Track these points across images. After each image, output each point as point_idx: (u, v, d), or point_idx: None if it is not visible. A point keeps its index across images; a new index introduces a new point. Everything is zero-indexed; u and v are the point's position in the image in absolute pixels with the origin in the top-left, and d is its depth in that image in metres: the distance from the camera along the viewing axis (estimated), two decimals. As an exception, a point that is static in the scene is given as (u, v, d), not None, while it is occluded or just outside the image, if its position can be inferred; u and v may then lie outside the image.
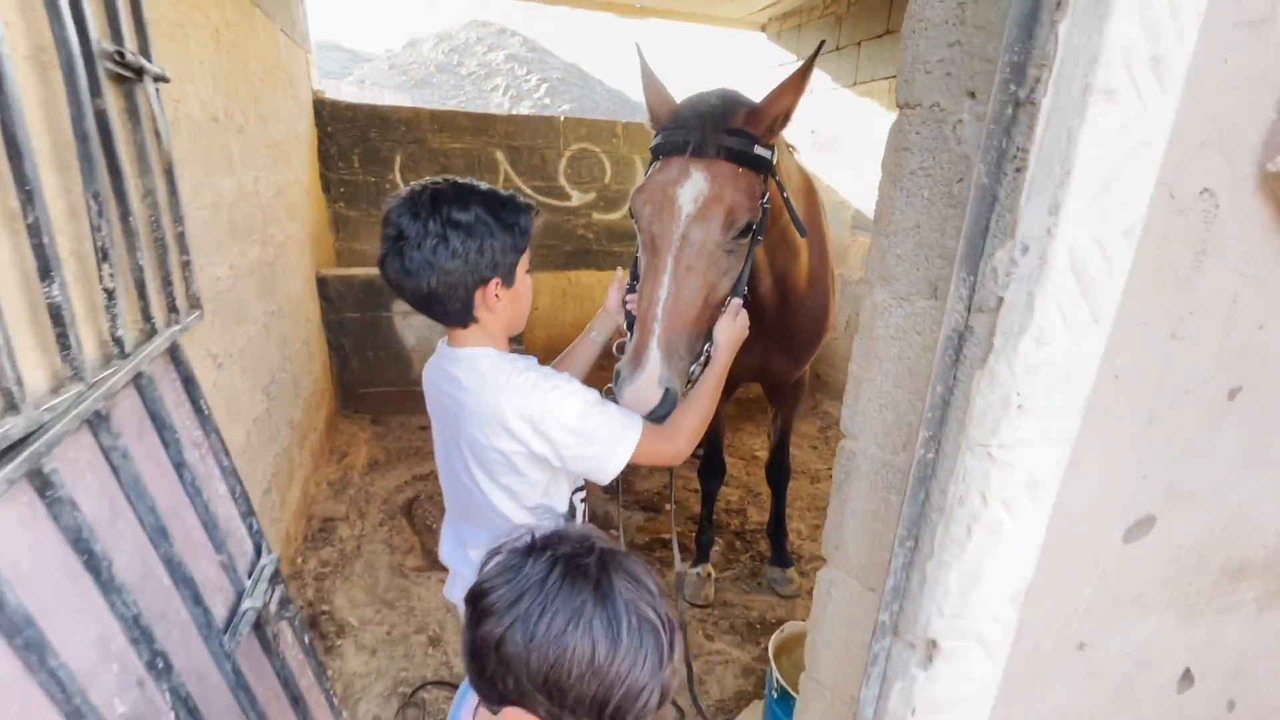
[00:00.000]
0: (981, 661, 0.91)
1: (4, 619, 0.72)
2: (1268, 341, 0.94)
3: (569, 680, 0.62)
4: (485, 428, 1.09)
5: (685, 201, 1.37)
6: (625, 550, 0.71)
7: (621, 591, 0.65)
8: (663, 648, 0.66)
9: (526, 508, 1.16)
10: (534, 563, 0.66)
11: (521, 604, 0.63)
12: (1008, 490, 0.80)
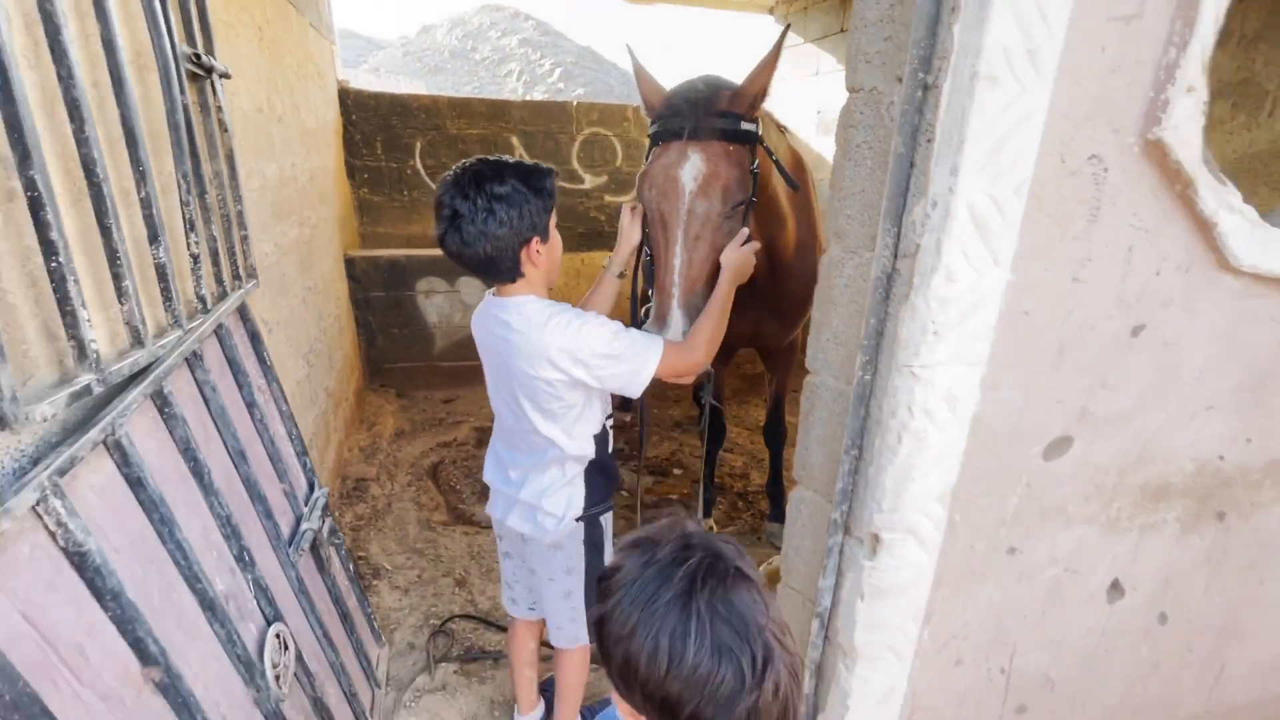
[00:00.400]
0: (916, 552, 1.10)
1: (145, 497, 0.94)
2: (1165, 286, 1.11)
3: (635, 675, 0.62)
4: (532, 361, 1.29)
5: (687, 180, 1.56)
6: (748, 574, 0.66)
7: (705, 610, 0.61)
8: (743, 677, 0.60)
9: (565, 429, 1.36)
10: (651, 556, 0.65)
11: (622, 591, 0.65)
12: (929, 403, 0.98)
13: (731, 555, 0.66)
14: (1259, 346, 1.24)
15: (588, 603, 1.55)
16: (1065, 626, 1.40)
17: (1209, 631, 1.61)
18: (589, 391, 1.36)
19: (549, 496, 1.42)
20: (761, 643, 0.61)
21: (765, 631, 0.61)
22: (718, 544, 0.66)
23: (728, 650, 0.60)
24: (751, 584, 0.64)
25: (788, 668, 0.62)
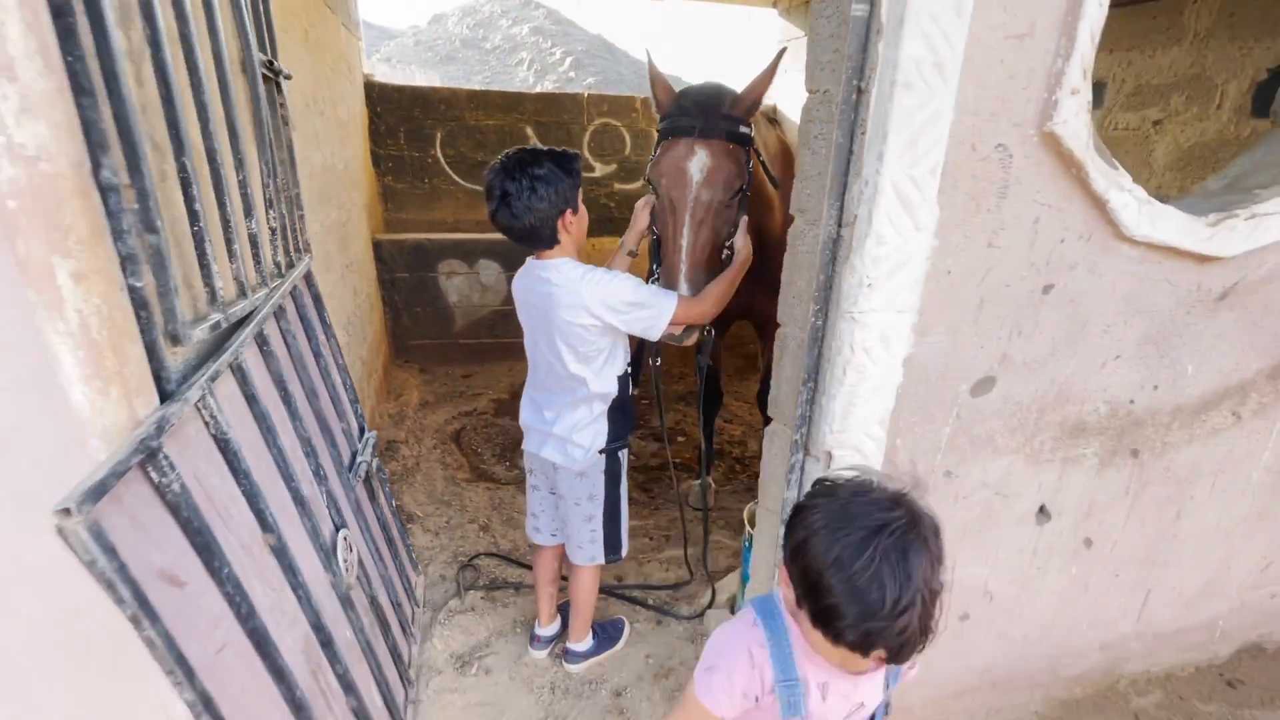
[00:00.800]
0: (861, 465, 1.35)
1: (257, 410, 1.22)
2: (1070, 252, 1.35)
3: (806, 555, 0.79)
4: (572, 310, 1.56)
5: (695, 172, 1.82)
6: (930, 545, 0.79)
7: (882, 550, 0.75)
8: (882, 605, 0.74)
9: (595, 370, 1.65)
10: (868, 494, 0.82)
11: (832, 500, 0.82)
12: (867, 342, 1.24)
13: (926, 525, 0.79)
14: (1158, 305, 1.48)
15: (604, 527, 1.83)
16: (999, 544, 1.66)
17: (1132, 559, 1.86)
18: (615, 337, 1.65)
19: (578, 431, 1.69)
20: (911, 593, 0.74)
21: (920, 590, 0.75)
22: (921, 511, 0.80)
23: (882, 584, 0.73)
24: (929, 552, 0.78)
25: (920, 622, 0.76)
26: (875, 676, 0.96)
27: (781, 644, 0.92)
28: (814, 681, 0.94)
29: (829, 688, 0.95)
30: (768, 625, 0.94)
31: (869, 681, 0.96)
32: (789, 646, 0.93)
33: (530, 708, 1.90)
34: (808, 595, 0.81)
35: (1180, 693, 2.10)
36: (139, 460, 0.83)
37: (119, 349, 0.87)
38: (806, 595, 0.81)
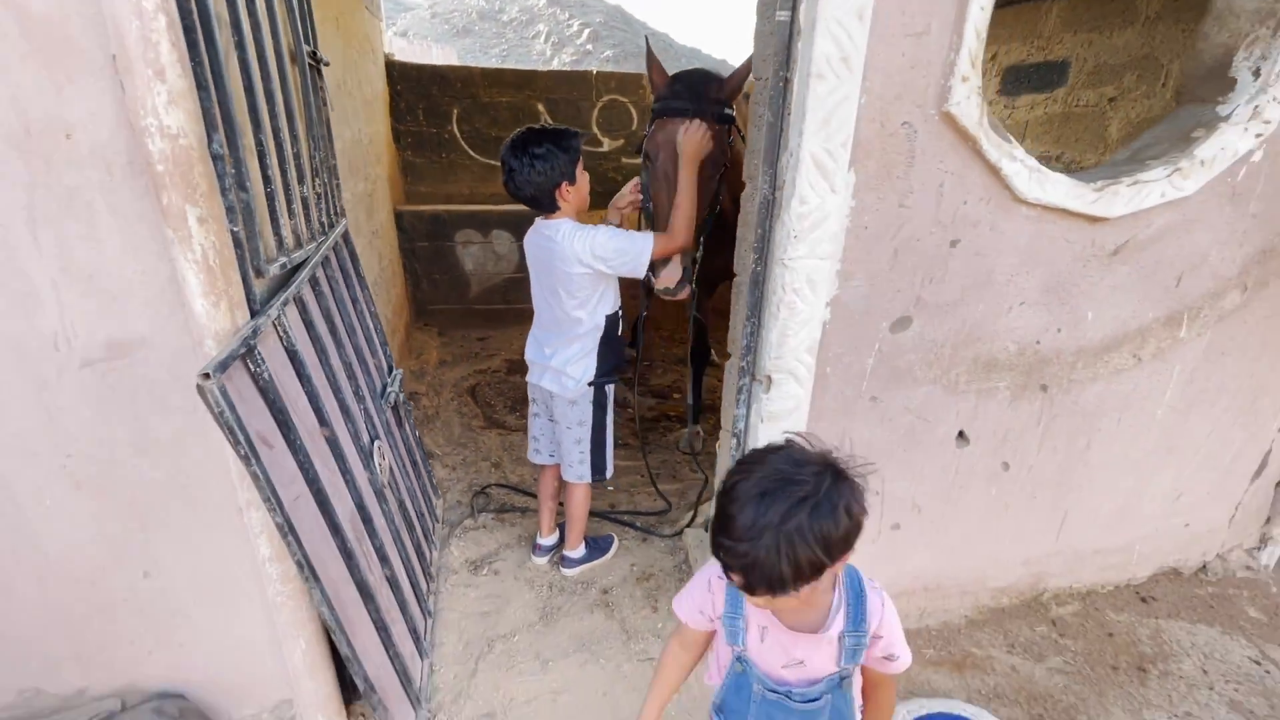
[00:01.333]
0: (795, 388, 1.67)
1: (313, 334, 1.56)
2: (973, 212, 1.63)
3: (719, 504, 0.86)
4: (566, 262, 1.90)
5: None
6: (830, 500, 0.82)
7: (770, 485, 0.81)
8: (735, 525, 0.81)
9: (590, 311, 1.97)
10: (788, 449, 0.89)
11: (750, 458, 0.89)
12: (796, 284, 1.54)
13: (828, 492, 0.81)
14: (1056, 258, 1.76)
15: (592, 450, 2.16)
16: (924, 463, 1.96)
17: (1048, 484, 2.15)
18: (605, 282, 1.97)
19: (572, 364, 2.03)
20: (765, 527, 0.79)
21: (777, 532, 0.79)
22: (829, 482, 0.82)
23: (742, 509, 0.81)
24: (814, 512, 0.80)
25: (768, 559, 0.80)
26: (819, 641, 0.98)
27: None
28: (755, 622, 1.01)
29: (767, 632, 1.01)
30: None
31: (809, 642, 0.99)
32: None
33: (531, 600, 2.27)
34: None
35: (1096, 605, 2.40)
36: (242, 353, 1.17)
37: (227, 275, 1.20)
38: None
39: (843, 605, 0.98)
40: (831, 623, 0.97)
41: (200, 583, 1.51)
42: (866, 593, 1.00)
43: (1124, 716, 1.97)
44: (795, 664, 1.01)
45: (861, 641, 0.99)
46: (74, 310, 1.20)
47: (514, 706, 1.90)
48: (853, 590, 1.00)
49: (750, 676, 1.04)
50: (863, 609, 0.99)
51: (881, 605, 1.00)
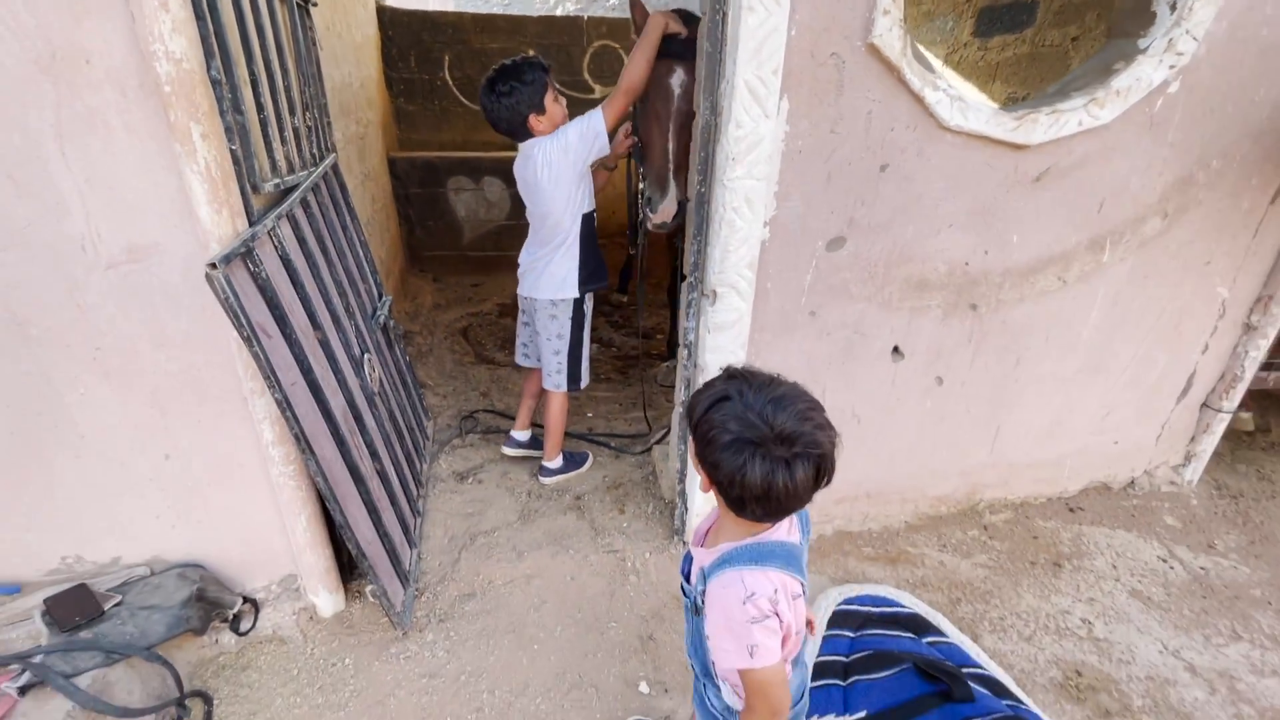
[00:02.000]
0: (738, 301, 1.86)
1: (305, 250, 1.75)
2: (900, 138, 1.79)
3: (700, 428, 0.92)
4: (543, 170, 2.10)
5: (675, 87, 2.24)
6: (780, 388, 0.92)
7: (747, 397, 0.89)
8: (745, 449, 0.86)
9: (572, 214, 2.17)
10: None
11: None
12: (735, 202, 1.71)
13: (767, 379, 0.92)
14: (981, 184, 1.92)
15: (568, 362, 2.38)
16: (862, 375, 2.16)
17: (980, 398, 2.35)
18: (581, 180, 2.15)
19: (552, 266, 2.26)
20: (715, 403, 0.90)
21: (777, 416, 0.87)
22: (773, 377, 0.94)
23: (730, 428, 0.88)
24: (777, 387, 0.91)
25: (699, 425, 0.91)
26: (700, 556, 1.07)
27: None
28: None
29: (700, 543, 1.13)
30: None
31: (695, 548, 1.11)
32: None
33: (511, 504, 2.52)
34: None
35: (1027, 514, 2.64)
36: (242, 252, 1.36)
37: (228, 186, 1.39)
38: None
39: (717, 556, 1.00)
40: (705, 553, 1.03)
41: (213, 465, 1.74)
42: (728, 569, 0.97)
43: (1032, 600, 2.23)
44: (693, 561, 1.10)
45: (697, 589, 1.04)
46: (98, 217, 1.39)
47: (492, 588, 2.16)
48: (728, 558, 0.99)
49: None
50: (716, 570, 0.99)
51: (723, 588, 0.97)
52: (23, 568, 1.75)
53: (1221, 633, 2.15)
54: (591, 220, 2.26)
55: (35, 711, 1.44)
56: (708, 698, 1.15)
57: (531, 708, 1.77)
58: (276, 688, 1.79)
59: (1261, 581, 2.37)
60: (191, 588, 1.76)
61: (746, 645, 0.93)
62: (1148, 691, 1.93)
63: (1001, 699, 1.69)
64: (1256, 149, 2.06)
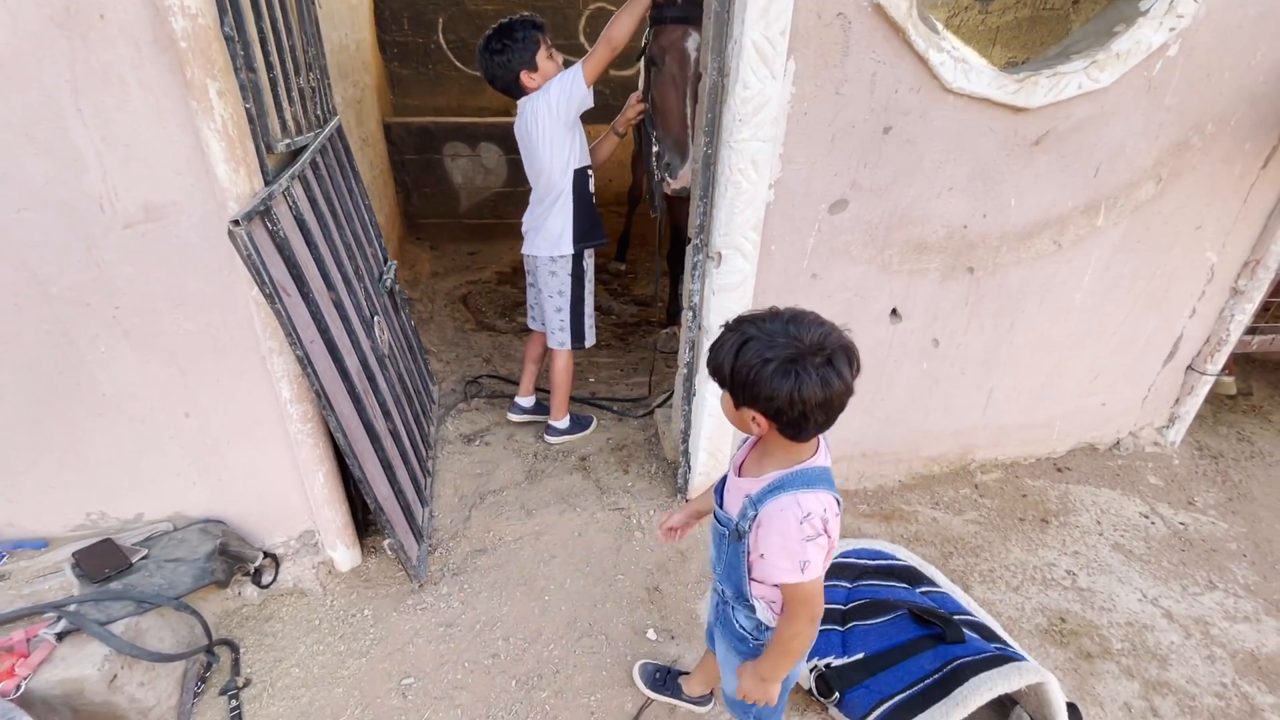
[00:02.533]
0: (742, 263, 1.89)
1: (318, 210, 1.76)
2: (903, 100, 1.81)
3: (738, 371, 0.95)
4: (535, 118, 2.15)
5: (690, 50, 2.25)
6: (815, 374, 0.92)
7: (766, 328, 0.95)
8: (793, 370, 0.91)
9: (562, 168, 2.20)
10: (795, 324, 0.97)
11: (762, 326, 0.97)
12: (741, 164, 1.74)
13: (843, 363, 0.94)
14: (982, 147, 1.95)
15: (571, 319, 2.43)
16: (860, 337, 2.19)
17: (975, 361, 2.42)
18: (570, 134, 2.18)
19: (549, 221, 2.29)
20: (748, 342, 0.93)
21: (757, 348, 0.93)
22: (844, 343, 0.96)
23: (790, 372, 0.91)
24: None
25: (733, 365, 0.95)
26: (741, 487, 1.11)
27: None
28: (742, 453, 1.18)
29: (739, 454, 1.19)
30: None
31: (737, 485, 1.13)
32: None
33: (518, 465, 2.59)
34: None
35: (1017, 474, 2.74)
36: (261, 211, 1.39)
37: (244, 144, 1.40)
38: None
39: (767, 481, 1.05)
40: (751, 482, 1.08)
41: (232, 423, 1.78)
42: (783, 494, 1.02)
43: (1020, 554, 2.33)
44: (726, 490, 1.17)
45: (748, 515, 1.07)
46: (115, 175, 1.40)
47: (502, 544, 2.23)
48: (781, 481, 1.04)
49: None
50: (769, 496, 1.04)
51: (780, 510, 1.02)
52: (49, 523, 1.80)
53: (1198, 583, 2.26)
54: (584, 176, 2.28)
55: (73, 655, 1.50)
56: (736, 620, 1.22)
57: (545, 654, 1.86)
58: (299, 636, 1.87)
59: (1238, 536, 2.49)
60: (214, 542, 1.81)
61: (799, 561, 1.02)
62: (1127, 636, 2.04)
63: (990, 642, 1.79)
64: (1252, 113, 2.10)
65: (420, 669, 1.79)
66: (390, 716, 1.67)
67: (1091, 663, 1.93)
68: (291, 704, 1.69)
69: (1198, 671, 1.93)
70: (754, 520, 1.06)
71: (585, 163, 2.28)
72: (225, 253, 1.52)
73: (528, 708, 1.71)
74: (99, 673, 1.49)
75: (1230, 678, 1.91)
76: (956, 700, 1.54)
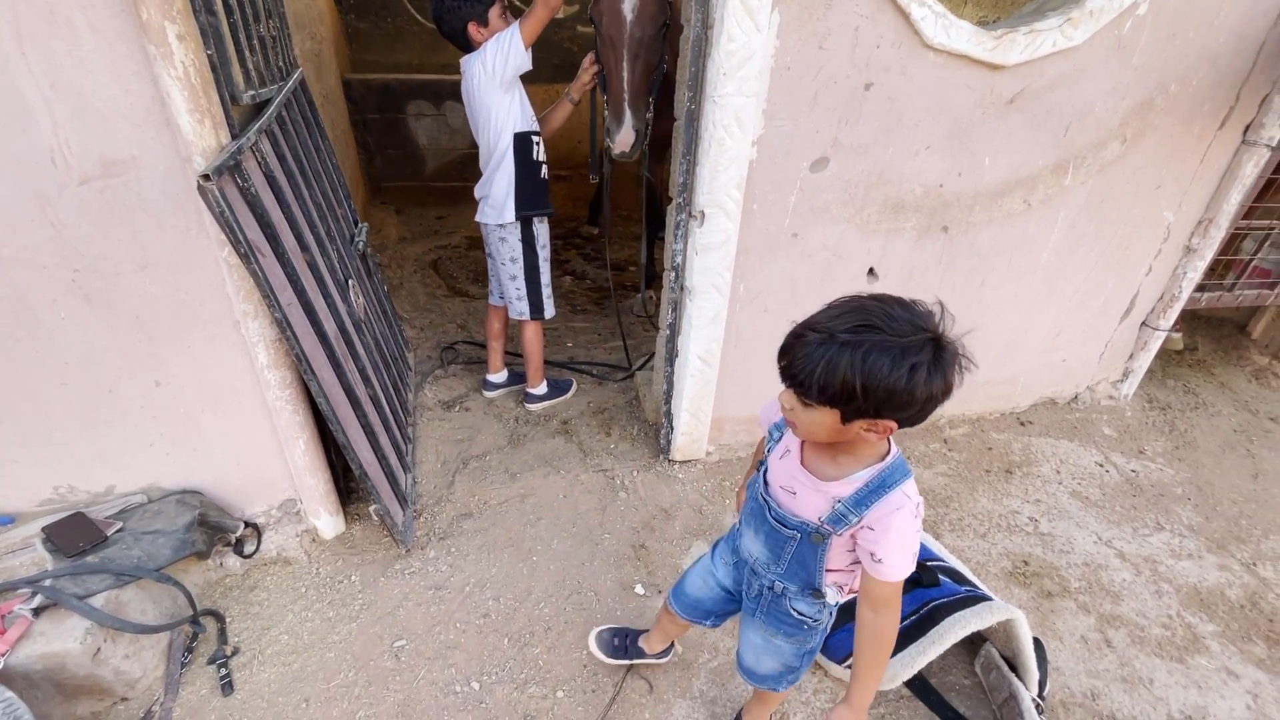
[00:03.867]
0: (725, 222, 1.89)
1: (287, 167, 1.69)
2: (885, 56, 1.81)
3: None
4: (472, 79, 2.10)
5: (628, 12, 2.17)
6: (906, 346, 0.81)
7: (854, 310, 0.84)
8: (802, 327, 0.85)
9: (510, 127, 2.15)
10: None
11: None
12: (725, 120, 1.72)
13: (912, 344, 0.81)
14: (959, 105, 1.97)
15: (527, 288, 2.39)
16: (838, 296, 2.24)
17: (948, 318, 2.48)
18: (509, 96, 2.12)
19: (494, 187, 2.25)
20: (829, 339, 0.82)
21: (846, 346, 0.81)
22: (930, 336, 0.83)
23: (816, 316, 0.86)
24: (887, 353, 0.81)
25: (824, 370, 0.82)
26: (817, 487, 1.02)
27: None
28: (785, 442, 1.09)
29: (789, 455, 1.07)
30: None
31: (809, 483, 1.03)
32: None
33: (500, 429, 2.58)
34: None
35: (983, 428, 2.85)
36: (230, 165, 1.32)
37: (208, 94, 1.33)
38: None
39: (861, 483, 0.97)
40: (838, 485, 0.99)
41: (206, 392, 1.73)
42: (890, 492, 0.96)
43: (987, 503, 2.44)
44: (789, 491, 1.07)
45: (848, 518, 0.99)
46: (67, 128, 1.31)
47: (488, 508, 2.24)
48: (880, 479, 0.97)
49: (759, 477, 1.15)
50: (874, 498, 0.97)
51: (897, 509, 0.95)
52: (14, 498, 1.73)
53: (1147, 525, 2.41)
54: (527, 140, 2.21)
55: (52, 630, 1.46)
56: (793, 609, 1.17)
57: (535, 611, 1.89)
58: (287, 604, 1.85)
59: (1183, 481, 2.65)
60: (193, 513, 1.77)
61: (912, 553, 0.97)
62: (1083, 575, 2.17)
63: (961, 585, 1.89)
64: (1212, 73, 2.16)
65: (412, 631, 1.81)
66: (385, 678, 1.69)
67: (1051, 601, 2.06)
68: (283, 670, 1.69)
69: (1147, 605, 2.07)
70: (856, 525, 0.99)
71: (528, 127, 2.20)
72: (192, 211, 1.45)
73: (521, 663, 1.74)
74: (82, 646, 1.45)
75: (1175, 610, 2.06)
76: (933, 639, 1.63)
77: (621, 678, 1.70)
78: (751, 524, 1.18)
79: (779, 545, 1.12)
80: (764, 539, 1.15)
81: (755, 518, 1.16)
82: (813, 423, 0.91)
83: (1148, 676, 1.84)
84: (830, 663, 1.74)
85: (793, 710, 1.68)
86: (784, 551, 1.12)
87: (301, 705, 1.61)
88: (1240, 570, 2.23)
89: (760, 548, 1.17)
